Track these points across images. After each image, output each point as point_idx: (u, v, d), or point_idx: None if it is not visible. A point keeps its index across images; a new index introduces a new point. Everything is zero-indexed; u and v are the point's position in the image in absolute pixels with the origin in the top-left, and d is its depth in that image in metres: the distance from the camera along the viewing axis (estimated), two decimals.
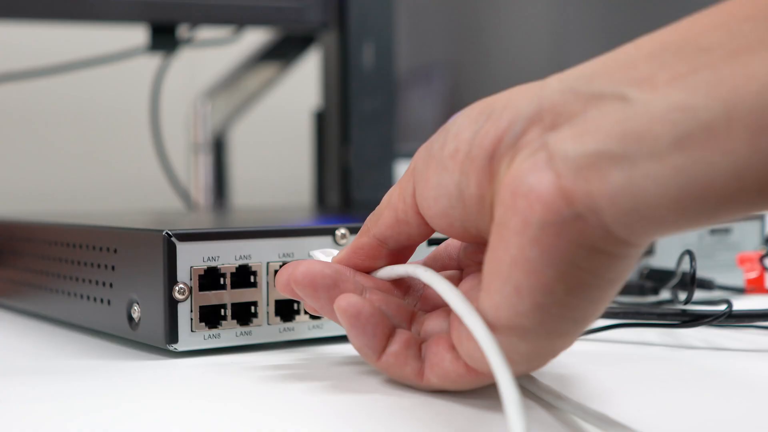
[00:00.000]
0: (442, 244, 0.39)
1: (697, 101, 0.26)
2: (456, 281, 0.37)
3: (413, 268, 0.36)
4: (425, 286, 0.39)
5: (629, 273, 0.31)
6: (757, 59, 0.26)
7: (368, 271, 0.38)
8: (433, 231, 0.36)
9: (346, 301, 0.35)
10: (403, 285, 0.39)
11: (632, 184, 0.27)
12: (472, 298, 0.33)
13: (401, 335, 0.36)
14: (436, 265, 0.39)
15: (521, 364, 0.32)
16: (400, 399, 0.35)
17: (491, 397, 0.34)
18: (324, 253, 0.42)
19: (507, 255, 0.30)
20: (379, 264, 0.38)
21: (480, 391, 0.35)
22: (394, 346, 0.35)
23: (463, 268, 0.38)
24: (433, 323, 0.36)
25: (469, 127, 0.32)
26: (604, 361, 0.42)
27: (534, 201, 0.29)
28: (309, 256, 0.43)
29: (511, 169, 0.30)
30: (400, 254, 0.38)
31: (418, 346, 0.36)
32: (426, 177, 0.34)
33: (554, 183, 0.28)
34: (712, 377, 0.40)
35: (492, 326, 0.31)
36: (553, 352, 0.32)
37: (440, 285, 0.34)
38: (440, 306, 0.38)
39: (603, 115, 0.28)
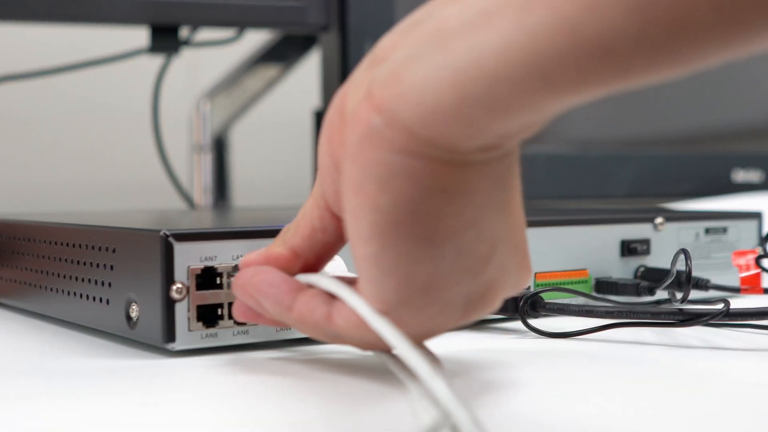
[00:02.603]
0: None
1: None
2: None
3: (306, 277, 0.38)
4: None
5: (469, 188, 0.31)
6: None
7: None
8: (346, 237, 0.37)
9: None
10: None
11: (419, 78, 0.29)
12: None
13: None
14: None
15: (412, 299, 0.32)
16: (398, 396, 0.35)
17: None
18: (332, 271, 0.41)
19: (343, 184, 0.32)
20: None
21: None
22: (304, 296, 0.36)
23: None
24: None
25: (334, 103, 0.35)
26: (601, 362, 0.42)
27: (354, 123, 0.31)
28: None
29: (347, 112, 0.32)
30: (315, 266, 0.38)
31: (329, 296, 0.36)
32: (318, 167, 0.36)
33: (366, 100, 0.31)
34: (709, 377, 0.40)
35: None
36: (428, 289, 0.32)
37: (323, 280, 0.36)
38: None
39: (412, 35, 0.30)
